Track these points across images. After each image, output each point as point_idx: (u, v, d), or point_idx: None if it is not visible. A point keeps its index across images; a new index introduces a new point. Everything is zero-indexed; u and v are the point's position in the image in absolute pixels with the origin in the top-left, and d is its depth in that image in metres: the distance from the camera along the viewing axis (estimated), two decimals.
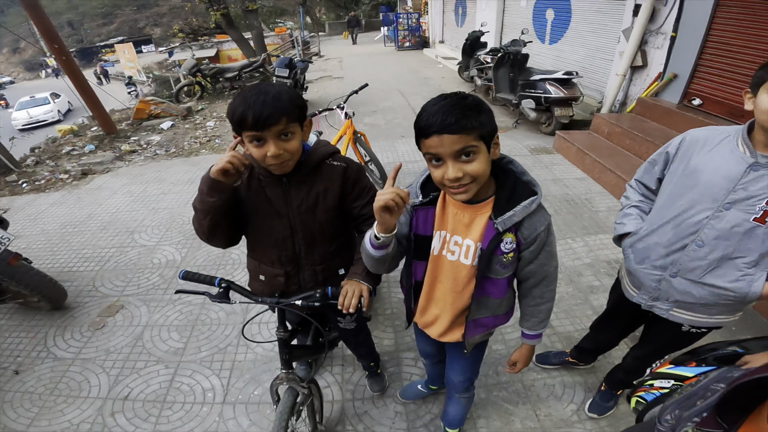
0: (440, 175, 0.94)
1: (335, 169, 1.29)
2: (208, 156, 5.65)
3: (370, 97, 7.47)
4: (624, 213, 1.49)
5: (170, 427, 1.97)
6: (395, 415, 1.98)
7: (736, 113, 3.71)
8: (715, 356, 0.94)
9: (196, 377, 2.22)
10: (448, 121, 0.87)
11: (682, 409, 0.86)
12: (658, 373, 1.01)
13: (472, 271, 1.12)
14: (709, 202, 1.17)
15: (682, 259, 1.27)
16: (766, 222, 1.10)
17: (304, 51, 14.89)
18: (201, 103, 8.51)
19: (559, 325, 2.39)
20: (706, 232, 1.19)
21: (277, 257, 1.38)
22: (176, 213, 4.04)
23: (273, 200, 1.27)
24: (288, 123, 1.09)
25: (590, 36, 6.00)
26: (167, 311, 2.72)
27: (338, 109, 3.69)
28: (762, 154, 1.09)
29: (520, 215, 1.02)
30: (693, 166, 1.22)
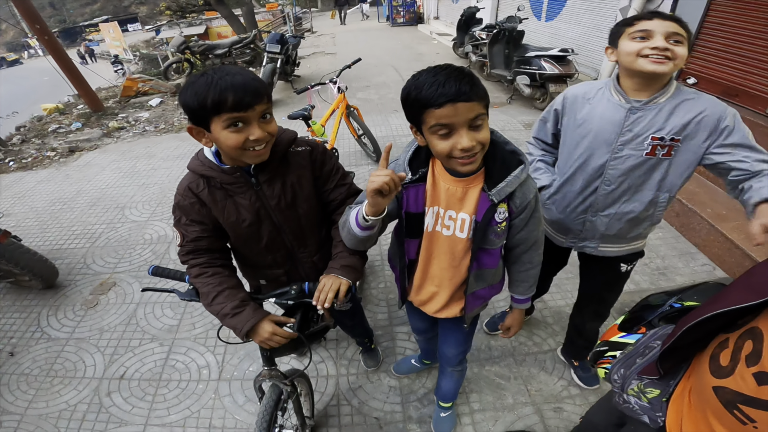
0: (449, 146, 0.91)
1: (301, 154, 1.21)
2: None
3: (364, 72, 7.36)
4: (534, 168, 1.59)
5: (166, 405, 1.99)
6: (389, 389, 2.01)
7: (731, 92, 3.71)
8: (660, 317, 0.97)
9: (191, 354, 2.23)
10: (463, 89, 0.85)
11: (626, 368, 0.89)
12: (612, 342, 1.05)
13: (468, 244, 1.12)
14: (605, 146, 1.32)
15: (597, 200, 1.42)
16: (655, 154, 1.27)
17: (296, 27, 14.53)
18: None
19: (550, 299, 2.42)
20: (610, 172, 1.35)
21: (272, 260, 1.33)
22: (167, 188, 3.99)
23: (247, 206, 1.16)
24: (268, 103, 1.02)
25: (587, 14, 5.92)
26: None
27: (330, 83, 3.65)
28: (635, 99, 1.25)
29: (513, 185, 1.02)
30: (582, 119, 1.37)
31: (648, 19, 1.16)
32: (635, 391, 0.85)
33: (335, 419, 1.89)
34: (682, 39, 1.14)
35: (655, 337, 0.91)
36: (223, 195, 1.15)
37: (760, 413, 0.52)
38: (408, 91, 0.93)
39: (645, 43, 1.15)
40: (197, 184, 1.14)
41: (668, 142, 1.24)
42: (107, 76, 9.54)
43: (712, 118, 1.20)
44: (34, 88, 15.57)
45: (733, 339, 0.59)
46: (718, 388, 0.59)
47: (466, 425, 1.83)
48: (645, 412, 0.82)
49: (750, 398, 0.53)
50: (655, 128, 1.24)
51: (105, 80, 9.34)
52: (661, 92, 1.22)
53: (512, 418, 1.85)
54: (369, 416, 1.89)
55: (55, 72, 6.30)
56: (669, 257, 2.76)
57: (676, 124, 1.22)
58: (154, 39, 17.97)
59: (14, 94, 14.78)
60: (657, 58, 1.14)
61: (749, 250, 2.45)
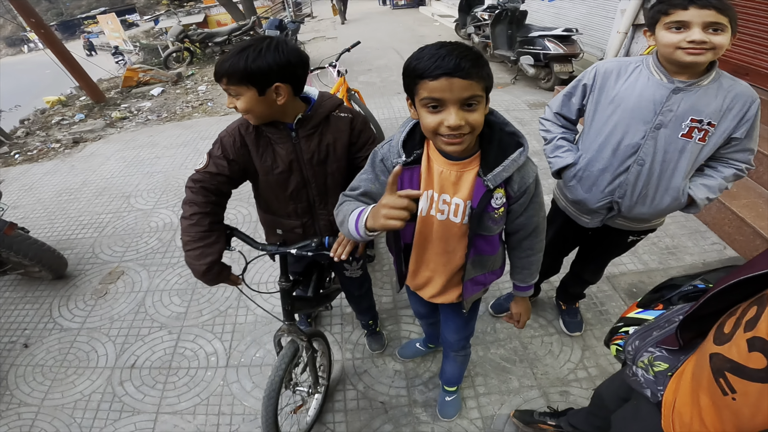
0: (436, 121, 0.87)
1: (343, 120, 1.33)
2: (200, 119, 5.56)
3: (365, 55, 7.27)
4: (556, 146, 1.54)
5: (177, 392, 2.01)
6: (394, 373, 2.01)
7: (741, 71, 3.60)
8: (680, 295, 0.96)
9: (199, 342, 2.26)
10: (462, 65, 0.81)
11: (641, 340, 0.89)
12: (628, 318, 1.04)
13: (463, 229, 1.08)
14: (641, 124, 1.30)
15: (628, 180, 1.39)
16: (692, 137, 1.26)
17: (296, 12, 14.28)
18: (191, 69, 8.29)
19: (556, 280, 2.37)
20: (645, 150, 1.33)
21: (293, 209, 1.42)
22: (171, 176, 4.01)
23: (284, 156, 1.29)
24: (228, 84, 1.14)
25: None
26: (167, 275, 2.74)
27: (330, 67, 3.62)
28: (678, 80, 1.23)
29: (510, 170, 0.97)
30: (615, 95, 1.34)
31: (683, 8, 1.12)
32: (645, 363, 0.84)
33: (341, 403, 1.90)
34: (722, 26, 1.10)
35: (678, 313, 0.90)
36: (266, 141, 1.29)
37: (742, 383, 0.51)
38: (410, 60, 0.89)
39: (682, 35, 1.13)
40: (247, 127, 1.29)
41: (705, 125, 1.24)
42: (108, 68, 9.50)
43: (745, 105, 1.22)
44: (35, 82, 15.54)
45: (743, 306, 0.57)
46: (714, 355, 0.58)
47: (471, 408, 1.84)
48: (649, 385, 0.82)
49: (737, 365, 0.52)
50: (696, 110, 1.23)
51: (105, 71, 9.31)
52: (704, 75, 1.21)
53: (518, 401, 1.85)
54: (374, 400, 1.90)
55: (56, 65, 6.28)
56: (678, 236, 2.72)
57: (715, 109, 1.22)
58: (153, 29, 17.81)
59: (16, 88, 14.76)
60: (694, 50, 1.12)
61: (760, 228, 2.42)
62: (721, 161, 1.36)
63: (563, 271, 2.09)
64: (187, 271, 2.69)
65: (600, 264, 1.89)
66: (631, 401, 0.96)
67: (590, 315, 2.21)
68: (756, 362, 0.49)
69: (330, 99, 1.33)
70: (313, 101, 1.30)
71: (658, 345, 0.84)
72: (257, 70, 1.11)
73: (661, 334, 0.86)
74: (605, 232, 1.63)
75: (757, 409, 0.49)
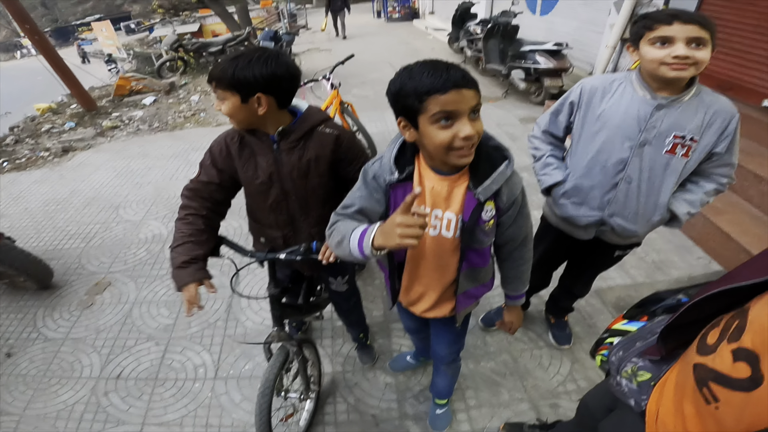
0: (450, 136, 0.87)
1: (328, 136, 1.33)
2: (192, 129, 5.54)
3: (359, 68, 7.32)
4: (545, 163, 1.56)
5: (163, 404, 1.99)
6: (385, 386, 2.00)
7: (725, 86, 3.69)
8: (664, 308, 0.98)
9: (187, 353, 2.23)
10: (468, 77, 0.85)
11: (625, 350, 0.90)
12: (614, 329, 1.05)
13: (456, 243, 1.08)
14: (627, 141, 1.32)
15: (617, 197, 1.42)
16: (675, 153, 1.29)
17: (291, 24, 14.40)
18: (184, 78, 8.28)
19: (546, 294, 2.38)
20: (631, 167, 1.35)
21: (274, 220, 1.43)
22: (161, 187, 3.98)
23: (264, 167, 1.30)
24: (216, 88, 1.18)
25: (581, 8, 5.86)
26: (155, 287, 2.71)
27: (324, 80, 3.64)
28: (661, 96, 1.25)
29: (499, 182, 0.99)
30: (601, 112, 1.36)
31: (667, 24, 1.15)
32: (628, 373, 0.85)
33: (331, 416, 1.89)
34: (704, 41, 1.13)
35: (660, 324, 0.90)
36: (249, 152, 1.32)
37: (726, 392, 0.52)
38: (402, 83, 0.89)
39: (666, 51, 1.15)
40: (233, 137, 1.33)
41: (688, 141, 1.27)
42: (100, 75, 9.45)
43: (725, 120, 1.25)
44: (27, 88, 15.43)
45: (726, 318, 0.59)
46: (698, 366, 0.59)
47: (462, 422, 1.83)
48: (632, 395, 0.82)
49: (721, 375, 0.53)
50: (679, 126, 1.26)
51: (98, 79, 9.27)
52: (685, 91, 1.24)
53: (508, 414, 1.85)
54: (365, 413, 1.89)
55: (48, 72, 6.25)
56: (665, 251, 2.76)
57: (696, 124, 1.25)
58: (147, 37, 17.84)
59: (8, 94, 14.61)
60: (678, 66, 1.15)
61: (745, 243, 2.45)
62: (702, 176, 1.38)
63: (552, 285, 2.11)
64: None
65: (588, 278, 1.92)
66: (616, 411, 0.97)
67: (579, 328, 2.23)
68: (741, 372, 0.50)
69: (317, 114, 1.34)
70: (299, 114, 1.32)
71: (642, 355, 0.85)
72: (243, 78, 1.15)
73: (644, 344, 0.87)
74: (593, 246, 1.65)
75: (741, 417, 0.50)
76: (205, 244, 1.33)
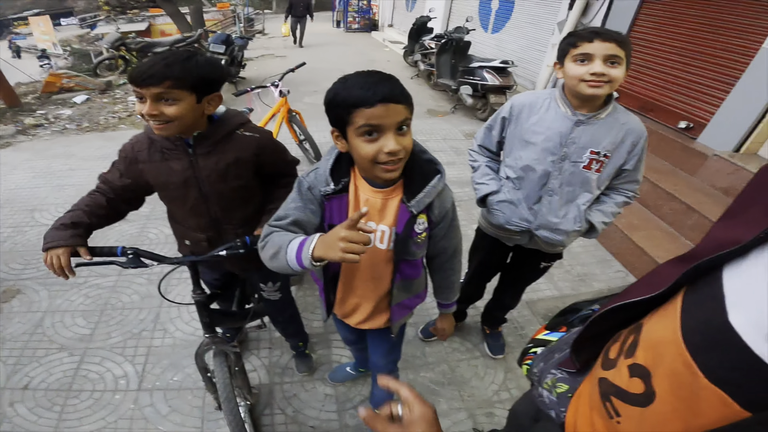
0: (375, 149, 0.88)
1: (248, 139, 1.31)
2: (127, 131, 5.22)
3: (313, 77, 7.26)
4: (481, 173, 1.62)
5: (78, 415, 1.84)
6: (325, 397, 1.96)
7: (648, 107, 3.98)
8: (580, 318, 1.01)
9: (106, 364, 2.06)
10: (397, 91, 0.86)
11: (545, 361, 0.92)
12: (537, 339, 1.08)
13: (389, 255, 1.10)
14: (550, 156, 1.40)
15: (541, 210, 1.50)
16: (591, 168, 1.37)
17: (247, 28, 14.13)
18: (123, 78, 7.84)
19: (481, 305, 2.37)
20: (553, 182, 1.43)
21: (196, 224, 1.38)
22: (85, 190, 3.57)
23: (179, 171, 1.26)
24: (170, 88, 1.08)
25: (529, 27, 6.19)
26: (71, 295, 2.49)
27: (272, 86, 3.55)
28: (580, 113, 1.33)
29: (431, 195, 1.01)
30: (530, 127, 1.42)
31: (589, 41, 1.22)
32: (549, 384, 0.86)
33: (269, 428, 1.81)
34: (619, 59, 1.21)
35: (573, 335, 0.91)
36: (160, 157, 1.26)
37: (625, 407, 0.53)
38: (336, 92, 0.90)
39: (585, 68, 1.22)
40: (141, 144, 1.28)
41: (602, 157, 1.35)
42: (30, 71, 8.71)
43: (635, 139, 1.34)
44: None
45: (624, 333, 0.60)
46: (602, 380, 0.60)
47: None
48: (553, 407, 0.83)
49: (621, 390, 0.54)
50: (595, 143, 1.34)
51: (26, 75, 8.55)
52: (602, 109, 1.32)
53: (447, 424, 1.85)
54: (305, 425, 1.83)
55: None
56: (589, 264, 2.92)
57: (610, 141, 1.33)
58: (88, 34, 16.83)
59: None
60: (594, 83, 1.22)
61: (656, 257, 2.65)
62: (614, 189, 1.49)
63: (488, 296, 2.17)
64: (96, 291, 2.49)
65: (518, 289, 2.01)
66: (541, 422, 0.97)
67: (512, 339, 2.30)
68: (636, 387, 0.51)
69: (235, 117, 1.31)
70: (216, 118, 1.28)
71: (559, 367, 0.86)
72: (208, 78, 1.14)
73: (561, 356, 0.89)
74: (522, 258, 1.76)
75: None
76: (98, 219, 1.27)
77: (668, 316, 0.48)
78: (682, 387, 0.43)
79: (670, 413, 0.45)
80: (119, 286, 2.55)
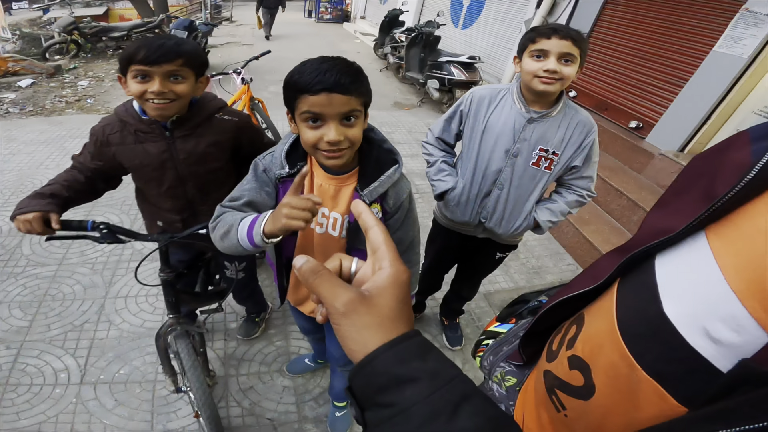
0: (316, 137, 0.88)
1: (227, 123, 1.34)
2: (74, 116, 4.95)
3: (280, 65, 7.00)
4: (438, 169, 1.61)
5: (15, 410, 1.76)
6: (283, 389, 1.93)
7: (602, 106, 4.09)
8: (529, 309, 1.03)
9: (45, 357, 1.96)
10: (343, 81, 0.84)
11: (494, 355, 0.92)
12: (489, 331, 1.10)
13: (342, 243, 1.09)
14: (502, 152, 1.41)
15: (489, 204, 1.53)
16: (540, 165, 1.39)
17: (214, 15, 13.62)
18: (75, 62, 7.43)
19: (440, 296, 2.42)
20: (504, 177, 1.45)
21: (171, 206, 1.40)
22: (26, 175, 3.48)
23: (155, 154, 1.27)
24: (182, 66, 1.12)
25: (498, 24, 6.26)
26: (8, 286, 2.34)
27: (234, 74, 3.45)
28: (534, 110, 1.34)
29: (385, 185, 1.01)
30: (486, 122, 1.43)
31: (547, 38, 1.23)
32: (498, 378, 0.86)
33: (225, 421, 1.76)
34: (573, 58, 1.23)
35: (521, 328, 0.93)
36: (133, 140, 1.26)
37: (570, 400, 0.51)
38: (291, 75, 0.89)
39: (540, 64, 1.24)
40: (112, 126, 1.26)
41: (550, 155, 1.37)
42: None
43: (582, 134, 1.36)
44: None
45: (566, 325, 0.59)
46: (547, 372, 0.59)
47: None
48: (502, 400, 0.82)
49: (563, 383, 0.53)
50: (544, 140, 1.36)
51: None
52: (553, 107, 1.34)
53: None
54: (262, 417, 1.80)
55: None
56: (542, 257, 3.01)
57: (558, 139, 1.36)
58: (40, 18, 15.82)
59: None
60: (547, 80, 1.24)
61: (604, 251, 2.71)
62: (565, 187, 1.51)
63: (445, 288, 2.20)
64: (34, 281, 2.36)
65: (475, 280, 2.04)
66: None
67: (469, 330, 2.34)
68: (576, 380, 0.49)
69: (213, 101, 1.35)
70: (193, 102, 1.30)
71: (508, 360, 0.86)
72: (202, 59, 1.20)
73: (509, 348, 0.89)
74: (477, 249, 1.78)
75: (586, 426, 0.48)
76: (75, 194, 1.26)
77: (604, 307, 0.48)
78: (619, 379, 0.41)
79: (611, 406, 0.44)
80: (59, 276, 2.42)
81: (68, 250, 2.59)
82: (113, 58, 7.93)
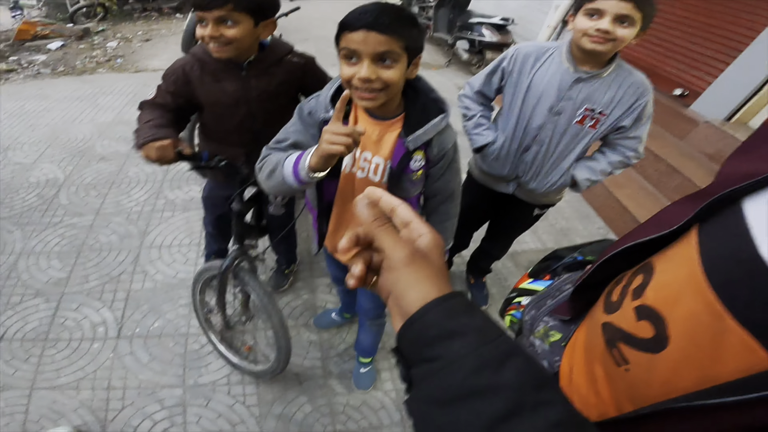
0: (351, 73, 0.88)
1: (295, 64, 1.43)
2: (105, 74, 4.99)
3: (305, 24, 7.07)
4: (476, 123, 1.60)
5: (55, 366, 1.79)
6: (309, 344, 1.95)
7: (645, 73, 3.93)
8: (564, 266, 1.00)
9: (84, 311, 2.00)
10: (381, 20, 0.84)
11: (537, 309, 0.90)
12: (520, 288, 1.08)
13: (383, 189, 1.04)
14: (545, 109, 1.39)
15: (527, 158, 1.52)
16: (584, 124, 1.38)
17: None
18: (102, 25, 7.45)
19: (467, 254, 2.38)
20: (544, 133, 1.43)
21: (237, 139, 1.48)
22: (60, 129, 3.54)
23: (231, 92, 1.36)
24: (232, 11, 1.14)
25: None
26: (47, 236, 2.39)
27: None
28: (583, 70, 1.31)
29: (431, 133, 1.01)
30: (530, 79, 1.41)
31: None
32: (541, 333, 0.84)
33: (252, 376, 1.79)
34: (632, 20, 1.16)
35: (567, 281, 0.91)
36: (211, 78, 1.35)
37: (634, 353, 0.49)
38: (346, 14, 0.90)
39: (593, 23, 1.19)
40: (192, 66, 1.34)
41: (597, 114, 1.35)
42: (2, 21, 8.18)
43: (634, 96, 1.32)
44: None
45: (629, 274, 0.56)
46: (606, 324, 0.56)
47: (385, 381, 1.83)
48: (545, 356, 0.80)
49: (628, 335, 0.50)
50: (590, 100, 1.33)
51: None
52: (605, 68, 1.30)
53: None
54: (288, 371, 1.82)
55: None
56: (572, 219, 2.94)
57: (607, 100, 1.33)
58: None
59: None
60: (597, 39, 1.19)
61: (638, 216, 2.68)
62: (609, 147, 1.48)
63: (473, 246, 2.17)
64: (72, 231, 2.40)
65: (507, 239, 2.03)
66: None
67: (495, 290, 2.31)
68: (644, 331, 0.47)
69: (283, 45, 1.43)
70: (265, 45, 1.38)
71: (552, 314, 0.84)
72: (264, 3, 1.22)
73: (554, 302, 0.87)
74: (513, 205, 1.75)
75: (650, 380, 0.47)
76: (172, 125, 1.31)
77: (681, 254, 0.45)
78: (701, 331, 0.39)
79: (684, 360, 0.42)
80: (96, 225, 2.47)
81: (104, 200, 2.65)
82: (140, 19, 7.94)
